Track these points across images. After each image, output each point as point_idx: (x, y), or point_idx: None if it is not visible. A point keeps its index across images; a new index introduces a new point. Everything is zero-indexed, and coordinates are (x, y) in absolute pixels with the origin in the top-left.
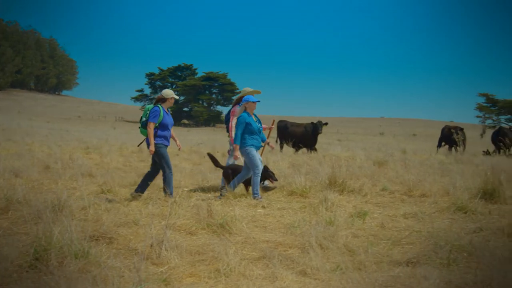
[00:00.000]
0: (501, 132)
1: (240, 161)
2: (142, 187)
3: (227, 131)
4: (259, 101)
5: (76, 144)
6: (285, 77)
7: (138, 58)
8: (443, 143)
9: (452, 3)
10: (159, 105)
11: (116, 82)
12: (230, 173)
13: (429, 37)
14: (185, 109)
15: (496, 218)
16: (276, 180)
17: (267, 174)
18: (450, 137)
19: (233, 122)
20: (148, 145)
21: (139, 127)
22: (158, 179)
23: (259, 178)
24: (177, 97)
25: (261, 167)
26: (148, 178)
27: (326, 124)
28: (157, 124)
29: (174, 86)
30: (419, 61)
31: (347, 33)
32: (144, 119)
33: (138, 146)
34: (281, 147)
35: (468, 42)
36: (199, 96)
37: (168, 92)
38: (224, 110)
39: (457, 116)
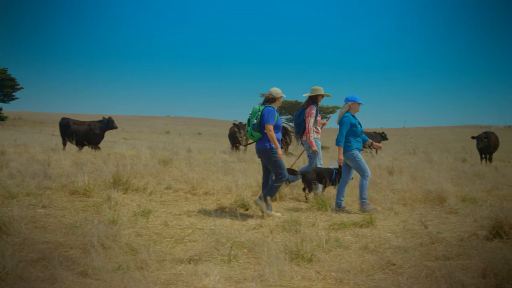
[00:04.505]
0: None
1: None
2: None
3: (298, 133)
4: (363, 103)
5: None
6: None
7: None
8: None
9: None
10: (271, 106)
11: None
12: (315, 178)
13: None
14: None
15: (276, 214)
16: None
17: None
18: (234, 135)
19: (311, 122)
20: (262, 148)
21: (247, 130)
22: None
23: (367, 182)
24: (284, 96)
25: (369, 170)
26: (266, 184)
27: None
28: None
29: None
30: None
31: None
32: (255, 121)
33: (244, 146)
34: (64, 145)
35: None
36: None
37: (277, 91)
38: (4, 106)
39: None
